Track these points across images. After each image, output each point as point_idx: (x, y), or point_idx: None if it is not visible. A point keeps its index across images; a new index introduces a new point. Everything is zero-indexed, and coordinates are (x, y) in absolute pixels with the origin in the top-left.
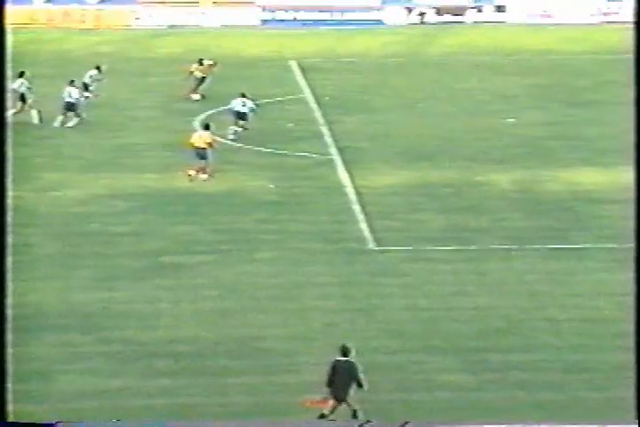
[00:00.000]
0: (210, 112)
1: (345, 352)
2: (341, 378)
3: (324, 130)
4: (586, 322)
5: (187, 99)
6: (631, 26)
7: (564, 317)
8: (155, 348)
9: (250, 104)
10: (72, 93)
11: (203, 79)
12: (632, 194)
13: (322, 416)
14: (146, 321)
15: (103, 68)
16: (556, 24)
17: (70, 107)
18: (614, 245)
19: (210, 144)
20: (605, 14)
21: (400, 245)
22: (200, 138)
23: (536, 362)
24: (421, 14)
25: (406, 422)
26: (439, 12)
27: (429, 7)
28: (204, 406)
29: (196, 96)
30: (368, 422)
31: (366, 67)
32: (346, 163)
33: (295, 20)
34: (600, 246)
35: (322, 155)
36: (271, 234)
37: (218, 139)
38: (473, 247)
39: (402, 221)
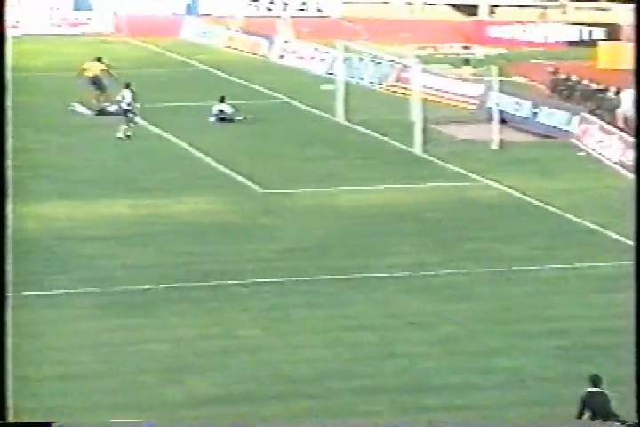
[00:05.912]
0: None
1: (596, 383)
2: (596, 412)
3: None
4: (62, 379)
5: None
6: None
7: (39, 376)
8: None
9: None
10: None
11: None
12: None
13: None
14: None
15: (132, 85)
16: (22, 35)
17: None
18: (96, 289)
19: None
20: (73, 25)
21: None
22: None
23: None
24: None
25: None
26: None
27: None
28: None
29: None
30: None
31: None
32: None
33: None
34: (81, 291)
35: None
36: None
37: None
38: None
39: None
